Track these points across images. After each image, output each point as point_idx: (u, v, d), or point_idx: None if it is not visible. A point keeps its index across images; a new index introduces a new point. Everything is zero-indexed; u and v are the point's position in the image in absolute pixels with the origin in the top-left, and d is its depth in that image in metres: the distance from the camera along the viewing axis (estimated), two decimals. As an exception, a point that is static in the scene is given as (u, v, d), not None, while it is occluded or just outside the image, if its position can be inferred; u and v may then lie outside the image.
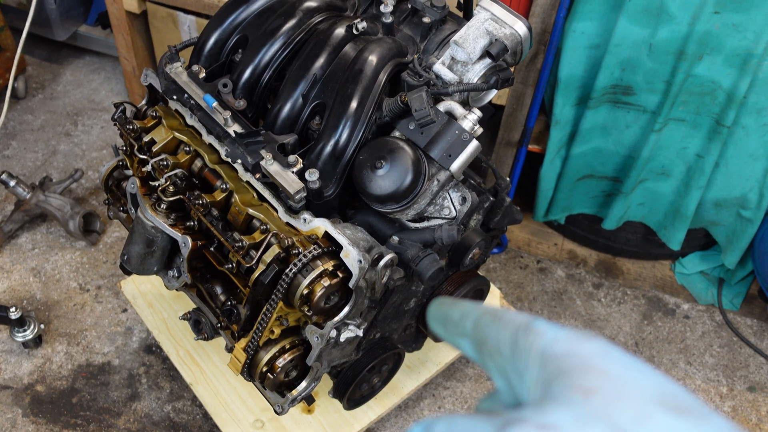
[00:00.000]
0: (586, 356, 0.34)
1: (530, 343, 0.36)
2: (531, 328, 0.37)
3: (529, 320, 0.37)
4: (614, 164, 2.04)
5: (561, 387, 0.33)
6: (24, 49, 2.77)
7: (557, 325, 0.37)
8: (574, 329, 0.36)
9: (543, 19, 1.83)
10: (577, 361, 0.33)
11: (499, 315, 0.40)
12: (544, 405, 0.32)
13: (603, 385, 0.32)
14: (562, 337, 0.35)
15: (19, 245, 2.21)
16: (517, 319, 0.38)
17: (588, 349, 0.34)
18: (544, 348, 0.35)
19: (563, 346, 0.35)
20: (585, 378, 0.32)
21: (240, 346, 1.23)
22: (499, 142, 2.15)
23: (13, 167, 2.45)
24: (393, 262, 1.17)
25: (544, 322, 0.37)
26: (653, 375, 0.33)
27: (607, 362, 0.33)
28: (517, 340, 0.37)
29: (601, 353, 0.34)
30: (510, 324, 0.38)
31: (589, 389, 0.32)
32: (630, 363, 0.34)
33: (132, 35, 2.39)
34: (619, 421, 0.30)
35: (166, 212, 1.27)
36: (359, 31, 1.27)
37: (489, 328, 0.39)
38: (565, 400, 0.32)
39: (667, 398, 0.31)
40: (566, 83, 1.90)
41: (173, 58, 1.35)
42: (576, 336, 0.35)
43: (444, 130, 1.15)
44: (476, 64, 1.23)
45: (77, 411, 1.84)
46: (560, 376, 0.33)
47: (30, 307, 2.05)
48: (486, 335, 0.39)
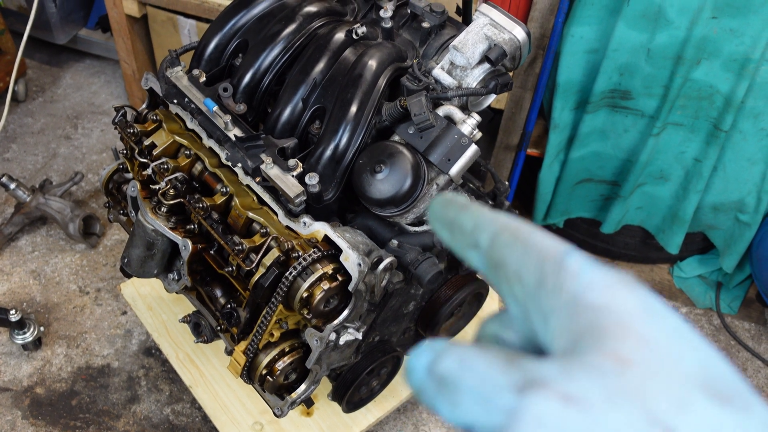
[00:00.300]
0: (625, 313, 0.29)
1: (560, 283, 0.31)
2: (562, 264, 0.31)
3: (560, 251, 0.32)
4: (613, 168, 2.05)
5: (593, 348, 0.28)
6: (24, 52, 2.78)
7: (593, 262, 0.32)
8: (612, 271, 0.31)
9: (542, 23, 1.84)
10: (615, 319, 0.29)
11: (523, 235, 0.34)
12: (572, 367, 0.28)
13: (642, 356, 0.27)
14: (599, 283, 0.30)
15: (19, 248, 2.22)
16: (547, 246, 0.33)
17: (628, 304, 0.30)
18: (576, 293, 0.30)
19: (600, 296, 0.30)
20: (622, 343, 0.28)
21: (240, 349, 1.23)
22: (498, 145, 2.16)
23: (13, 170, 2.45)
24: (392, 265, 1.18)
25: (579, 257, 0.32)
26: (698, 345, 0.29)
27: (649, 324, 0.29)
28: (544, 274, 0.32)
29: (643, 311, 0.29)
30: (537, 251, 0.32)
31: (625, 359, 0.27)
32: (673, 326, 0.29)
33: (132, 39, 2.40)
34: (655, 406, 0.26)
35: (166, 215, 1.27)
36: (359, 36, 1.28)
37: (510, 250, 0.33)
38: (597, 367, 0.27)
39: (711, 381, 0.27)
40: (565, 87, 1.91)
41: (174, 62, 1.36)
42: (615, 282, 0.31)
43: (443, 135, 1.16)
44: (475, 68, 1.24)
45: (76, 413, 1.84)
46: (593, 334, 0.29)
47: (30, 310, 2.05)
48: (505, 257, 0.34)
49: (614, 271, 0.31)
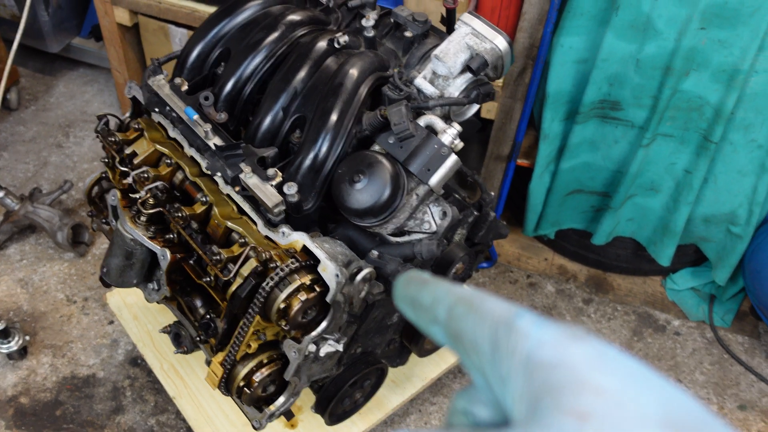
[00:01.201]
0: (577, 367, 0.29)
1: (513, 347, 0.31)
2: (513, 327, 0.32)
3: (509, 314, 0.32)
4: (603, 179, 2.04)
5: (551, 408, 0.28)
6: (18, 60, 2.79)
7: (542, 320, 0.32)
8: (562, 326, 0.31)
9: (531, 33, 1.83)
10: (568, 375, 0.29)
11: (475, 304, 0.34)
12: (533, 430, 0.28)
13: (598, 408, 0.28)
14: (549, 339, 0.31)
15: (8, 256, 2.21)
16: (497, 312, 0.33)
17: (581, 356, 0.30)
18: (528, 353, 0.31)
19: (550, 353, 0.30)
20: (578, 398, 0.28)
21: (217, 361, 1.22)
22: (489, 156, 2.15)
23: (3, 178, 2.45)
24: (371, 276, 1.16)
25: (527, 318, 0.32)
26: (654, 385, 0.29)
27: (601, 374, 0.29)
28: (497, 339, 0.32)
29: (594, 361, 0.29)
30: (489, 318, 0.33)
31: (583, 414, 0.27)
32: (627, 371, 0.29)
33: (124, 48, 2.40)
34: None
35: (145, 225, 1.26)
36: (341, 45, 1.27)
37: (465, 321, 0.34)
38: (557, 426, 0.27)
39: (672, 418, 0.27)
40: (554, 98, 1.90)
41: (156, 71, 1.35)
42: (564, 337, 0.31)
43: (423, 144, 1.15)
44: (457, 78, 1.23)
45: (60, 423, 1.83)
46: (549, 394, 0.29)
47: (16, 318, 2.04)
48: (461, 329, 0.34)
49: (565, 326, 0.32)
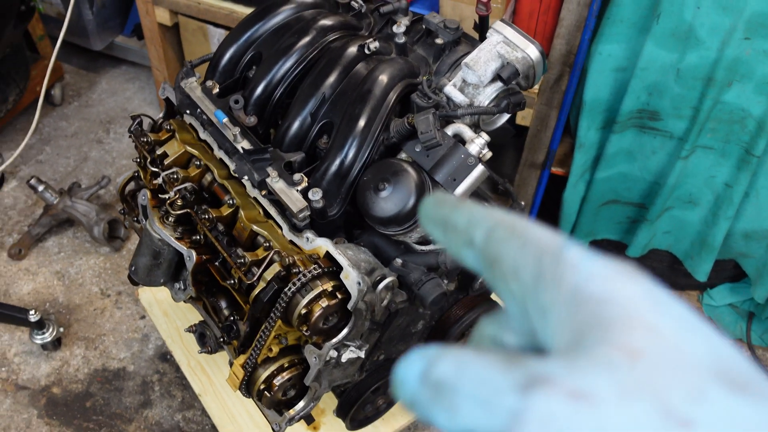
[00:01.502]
0: (630, 304, 0.28)
1: (559, 276, 0.29)
2: (561, 257, 0.30)
3: (558, 244, 0.31)
4: (640, 190, 1.99)
5: (598, 341, 0.27)
6: (63, 57, 2.86)
7: (592, 253, 0.30)
8: (613, 262, 0.30)
9: (568, 40, 1.80)
10: (620, 311, 0.27)
11: (519, 229, 0.32)
12: (578, 362, 0.26)
13: (652, 347, 0.26)
14: (600, 273, 0.29)
15: (46, 248, 2.26)
16: (544, 240, 0.31)
17: (633, 294, 0.28)
18: (576, 285, 0.29)
19: (601, 286, 0.28)
20: (630, 335, 0.26)
21: (238, 363, 1.22)
22: (523, 163, 2.12)
23: (45, 172, 2.51)
24: (393, 285, 1.16)
25: (577, 250, 0.30)
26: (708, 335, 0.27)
27: (656, 314, 0.27)
28: (542, 268, 0.30)
29: (649, 300, 0.28)
30: (534, 245, 0.31)
31: (635, 351, 0.26)
32: (682, 315, 0.28)
33: (164, 47, 2.44)
34: (670, 397, 0.25)
35: (173, 225, 1.28)
36: (371, 51, 1.27)
37: (506, 245, 0.32)
38: (606, 361, 0.26)
39: (725, 369, 0.26)
40: (591, 106, 1.87)
41: (189, 73, 1.37)
42: (616, 273, 0.29)
43: (449, 154, 1.14)
44: (487, 87, 1.21)
45: (90, 415, 1.86)
46: (598, 327, 0.27)
47: (52, 310, 2.09)
48: (501, 253, 0.32)
49: (616, 261, 0.30)
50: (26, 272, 2.19)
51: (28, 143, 2.59)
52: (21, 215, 2.36)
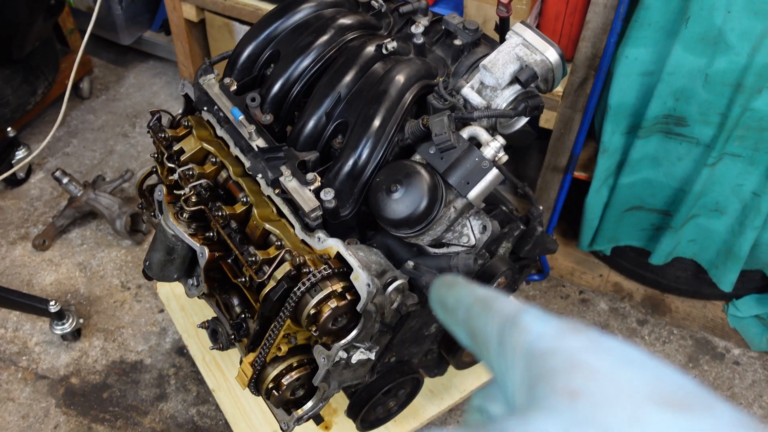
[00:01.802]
0: (571, 352, 0.30)
1: (515, 341, 0.33)
2: (517, 323, 0.33)
3: (516, 312, 0.34)
4: (664, 197, 1.95)
5: (545, 391, 0.29)
6: (93, 51, 2.89)
7: (546, 316, 0.33)
8: (563, 321, 0.32)
9: (594, 43, 1.77)
10: (562, 359, 0.30)
11: (488, 304, 0.36)
12: (528, 414, 0.29)
13: (590, 386, 0.28)
14: (549, 333, 0.32)
15: (70, 240, 2.29)
16: (505, 310, 0.35)
17: (575, 344, 0.31)
18: (529, 346, 0.32)
19: (548, 343, 0.31)
20: (570, 379, 0.29)
21: (248, 361, 1.22)
22: (546, 166, 2.09)
23: (71, 164, 2.55)
24: (403, 288, 1.15)
25: (532, 315, 0.33)
26: (646, 365, 0.29)
27: (594, 357, 0.30)
28: (503, 335, 0.34)
29: (588, 346, 0.30)
30: (497, 316, 0.35)
31: (574, 392, 0.28)
32: (620, 354, 0.30)
33: (190, 43, 2.45)
34: (610, 426, 0.26)
35: (187, 221, 1.28)
36: (389, 51, 1.26)
37: (479, 319, 0.36)
38: (550, 406, 0.28)
39: (662, 393, 0.28)
40: (616, 110, 1.83)
41: (207, 70, 1.37)
42: (562, 329, 0.32)
43: (464, 157, 1.12)
44: (505, 89, 1.20)
45: (106, 406, 1.89)
46: (544, 378, 0.30)
47: (73, 301, 2.12)
48: (476, 327, 0.36)
49: (565, 320, 0.33)
50: (49, 263, 2.22)
51: (55, 135, 2.63)
52: (46, 206, 2.39)
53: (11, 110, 2.34)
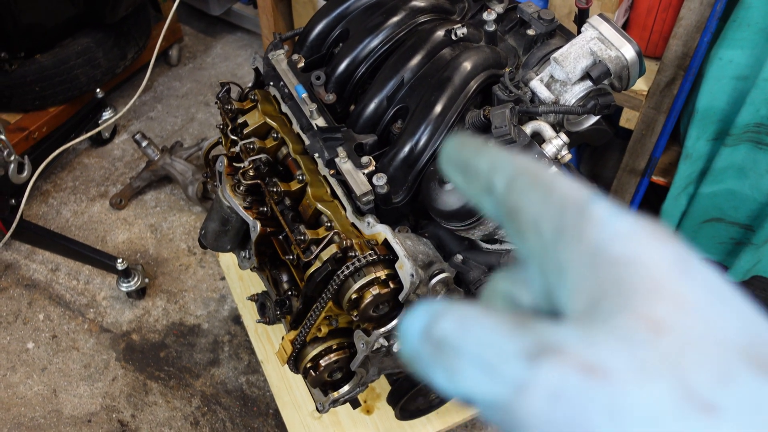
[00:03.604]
0: (657, 269, 0.25)
1: (582, 232, 0.27)
2: (585, 211, 0.27)
3: (584, 197, 0.28)
4: (748, 211, 1.83)
5: (618, 309, 0.24)
6: (185, 20, 2.97)
7: (621, 210, 0.27)
8: (643, 221, 0.27)
9: (685, 42, 1.66)
10: (645, 275, 0.25)
11: (544, 180, 0.29)
12: (593, 331, 0.24)
13: (678, 321, 0.24)
14: (626, 232, 0.26)
15: (144, 201, 2.38)
16: (569, 192, 0.28)
17: (661, 258, 0.25)
18: (599, 243, 0.26)
19: (626, 247, 0.26)
20: (654, 304, 0.24)
21: (288, 338, 1.23)
22: (623, 168, 2.00)
23: (153, 128, 2.63)
24: (448, 281, 1.12)
25: (605, 205, 0.27)
26: (742, 309, 0.25)
27: (685, 282, 0.25)
28: (564, 222, 0.28)
29: (678, 266, 0.25)
30: (558, 196, 0.28)
31: (660, 324, 0.23)
32: (713, 286, 0.25)
33: (275, 17, 2.47)
34: (693, 378, 0.22)
35: (243, 194, 1.29)
36: (458, 37, 1.22)
37: (527, 195, 0.29)
38: (625, 332, 0.23)
39: (758, 351, 0.23)
40: (704, 115, 1.73)
41: (278, 46, 1.37)
42: (645, 233, 0.26)
43: (523, 152, 1.08)
44: (576, 85, 1.14)
45: (162, 365, 1.95)
46: (619, 292, 0.25)
47: (141, 260, 2.20)
48: (522, 203, 0.30)
49: (645, 220, 0.27)
50: (124, 222, 2.31)
51: (142, 99, 2.73)
52: (126, 167, 2.49)
53: (101, 72, 2.43)
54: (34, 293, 2.10)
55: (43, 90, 2.28)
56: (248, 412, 1.85)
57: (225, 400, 1.87)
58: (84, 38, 2.36)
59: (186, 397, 1.88)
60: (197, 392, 1.89)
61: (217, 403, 1.86)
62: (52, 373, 1.92)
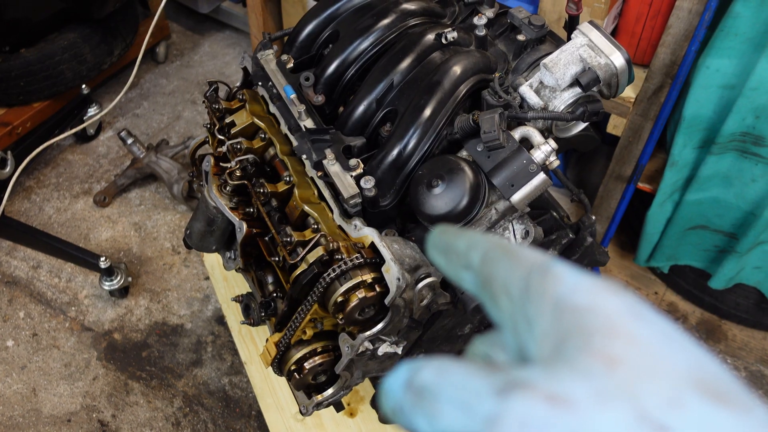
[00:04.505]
0: (611, 314, 0.28)
1: (545, 288, 0.30)
2: (548, 271, 0.31)
3: (546, 260, 0.32)
4: (732, 219, 1.84)
5: (578, 349, 0.27)
6: (172, 17, 2.95)
7: (579, 270, 0.31)
8: (598, 278, 0.30)
9: (673, 50, 1.67)
10: (601, 320, 0.28)
11: (511, 250, 0.34)
12: (556, 369, 0.27)
13: (630, 355, 0.26)
14: (584, 287, 0.29)
15: (129, 199, 2.35)
16: (532, 258, 0.32)
17: (615, 306, 0.28)
18: (561, 296, 0.30)
19: (584, 298, 0.29)
20: (609, 343, 0.27)
21: (273, 340, 1.22)
22: (609, 174, 2.01)
23: (139, 126, 2.61)
24: (435, 285, 1.11)
25: (564, 265, 0.31)
26: (689, 346, 0.27)
27: (636, 325, 0.27)
28: (530, 282, 0.31)
29: (631, 312, 0.28)
30: (524, 262, 0.32)
31: (613, 358, 0.26)
32: (663, 328, 0.28)
33: (264, 16, 2.46)
34: (646, 403, 0.24)
35: (229, 195, 1.28)
36: (448, 41, 1.22)
37: (498, 264, 0.34)
38: (583, 367, 0.26)
39: (704, 380, 0.26)
40: (690, 123, 1.74)
41: (266, 45, 1.36)
42: (600, 287, 0.29)
43: (511, 158, 1.08)
44: (565, 91, 1.14)
45: (144, 365, 1.93)
46: (579, 335, 0.28)
47: (125, 259, 2.17)
48: (494, 272, 0.34)
49: (600, 277, 0.30)
50: (107, 219, 2.29)
51: (128, 96, 2.70)
52: (111, 164, 2.46)
53: (87, 68, 2.41)
54: (14, 290, 2.08)
55: (28, 85, 2.25)
56: (231, 413, 1.84)
57: (207, 401, 1.85)
58: (70, 33, 2.33)
59: (168, 397, 1.86)
60: (179, 393, 1.87)
61: (200, 404, 1.85)
62: (32, 371, 1.90)
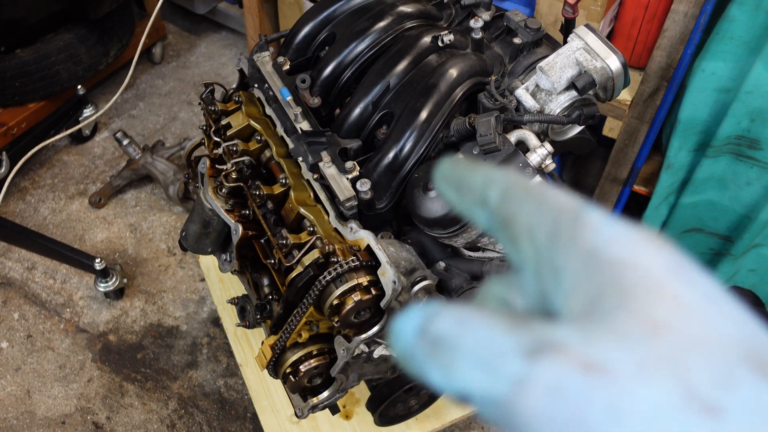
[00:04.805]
0: (654, 272, 0.25)
1: (577, 237, 0.27)
2: (579, 217, 0.27)
3: (577, 205, 0.28)
4: (727, 222, 1.85)
5: (617, 310, 0.24)
6: (169, 18, 2.94)
7: (615, 218, 0.27)
8: (638, 227, 0.27)
9: (669, 53, 1.68)
10: (643, 277, 0.25)
11: (537, 190, 0.30)
12: (593, 331, 0.24)
13: (677, 321, 0.23)
14: (622, 237, 0.26)
15: (125, 200, 2.35)
16: (562, 201, 0.29)
17: (657, 261, 0.25)
18: (595, 247, 0.26)
19: (623, 251, 0.26)
20: (653, 305, 0.24)
21: (268, 343, 1.22)
22: (605, 177, 2.01)
23: (135, 127, 2.60)
24: (430, 288, 1.11)
25: (599, 213, 0.28)
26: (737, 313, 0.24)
27: (682, 285, 0.25)
28: (558, 228, 0.28)
29: (675, 270, 0.25)
30: (551, 205, 0.29)
31: (658, 324, 0.23)
32: (710, 289, 0.25)
33: (261, 17, 2.46)
34: (695, 379, 0.22)
35: (225, 197, 1.28)
36: (444, 44, 1.22)
37: (521, 205, 0.30)
38: (624, 332, 0.23)
39: (756, 352, 0.23)
40: (686, 126, 1.74)
41: (263, 47, 1.36)
42: (641, 239, 0.26)
43: (507, 161, 1.08)
44: (561, 95, 1.14)
45: (139, 367, 1.93)
46: (617, 293, 0.25)
47: (120, 260, 2.17)
48: (516, 213, 0.30)
49: (639, 227, 0.27)
50: (103, 221, 2.28)
51: (124, 97, 2.70)
52: (107, 165, 2.46)
53: (83, 69, 2.40)
54: (9, 292, 2.07)
55: (23, 85, 2.24)
56: (226, 415, 1.83)
57: (202, 403, 1.85)
58: (66, 34, 2.32)
59: (163, 399, 1.85)
60: (174, 395, 1.87)
61: (195, 406, 1.84)
62: (26, 373, 1.89)
